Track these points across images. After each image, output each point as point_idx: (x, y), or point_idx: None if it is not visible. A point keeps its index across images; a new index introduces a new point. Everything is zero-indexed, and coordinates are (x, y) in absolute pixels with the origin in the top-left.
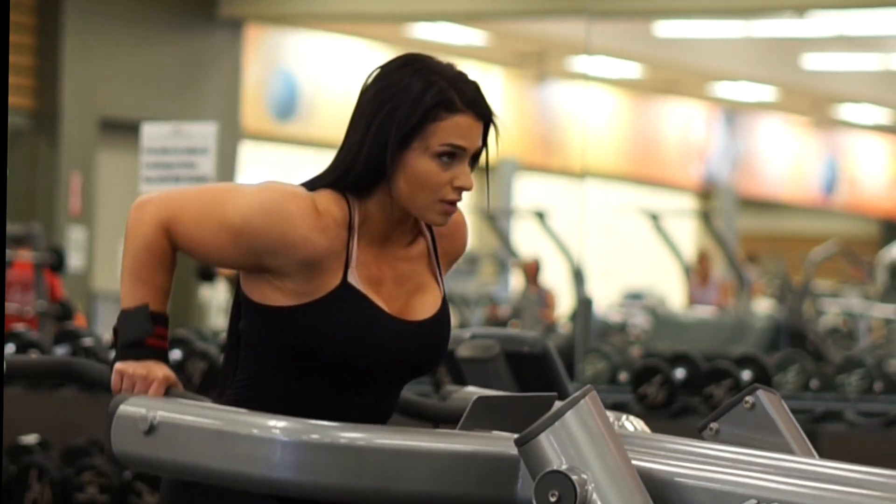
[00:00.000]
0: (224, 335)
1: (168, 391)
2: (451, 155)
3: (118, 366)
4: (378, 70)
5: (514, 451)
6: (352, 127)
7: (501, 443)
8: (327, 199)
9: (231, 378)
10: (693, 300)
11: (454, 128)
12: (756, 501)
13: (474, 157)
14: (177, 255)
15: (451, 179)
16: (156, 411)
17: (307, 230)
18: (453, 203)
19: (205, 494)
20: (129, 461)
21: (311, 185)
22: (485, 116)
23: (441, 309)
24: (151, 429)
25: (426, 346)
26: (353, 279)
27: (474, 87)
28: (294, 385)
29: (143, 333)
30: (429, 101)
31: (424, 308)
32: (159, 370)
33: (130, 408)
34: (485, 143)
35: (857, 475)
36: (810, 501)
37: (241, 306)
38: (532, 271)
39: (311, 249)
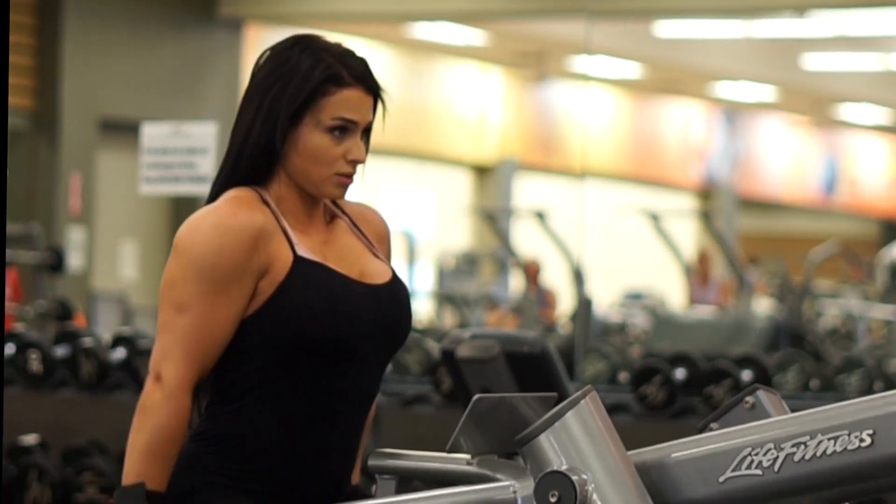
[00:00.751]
0: None
1: None
2: (343, 129)
3: None
4: (268, 52)
5: (509, 495)
6: (242, 109)
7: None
8: (234, 193)
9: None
10: (693, 300)
11: (344, 101)
12: (750, 449)
13: (366, 132)
14: None
15: (344, 153)
16: None
17: (248, 218)
18: (348, 175)
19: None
20: None
21: (213, 191)
22: (373, 91)
23: (394, 275)
24: None
25: (394, 307)
26: (303, 252)
27: (362, 62)
28: (281, 387)
29: None
30: (317, 76)
31: (377, 273)
32: None
33: None
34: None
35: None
36: (800, 428)
37: None
38: (532, 272)
39: (263, 227)
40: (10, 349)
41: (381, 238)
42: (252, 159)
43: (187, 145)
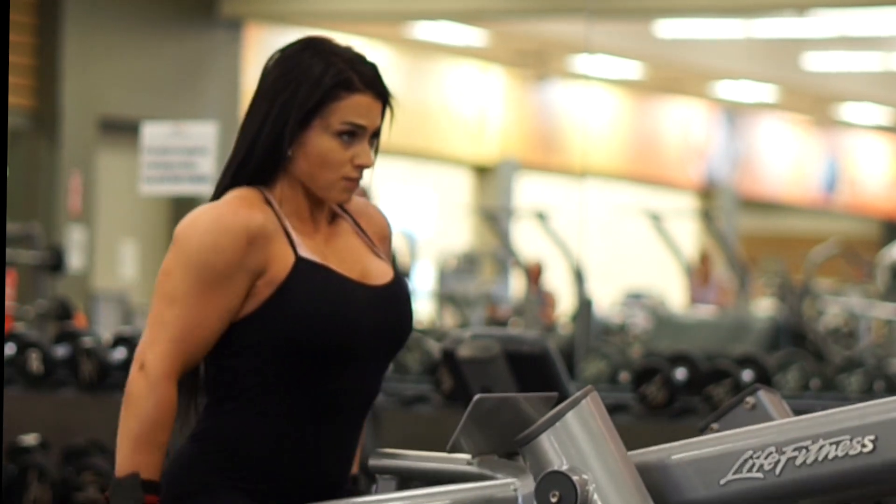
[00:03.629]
0: None
1: None
2: (352, 134)
3: None
4: (278, 54)
5: (510, 493)
6: (252, 109)
7: (498, 488)
8: (238, 192)
9: (205, 410)
10: (693, 300)
11: (354, 107)
12: (751, 452)
13: (374, 137)
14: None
15: (351, 157)
16: None
17: (247, 218)
18: (355, 180)
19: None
20: None
21: (218, 190)
22: (383, 96)
23: (396, 276)
24: None
25: (395, 311)
26: (304, 252)
27: (373, 67)
28: (280, 387)
29: (133, 502)
30: (328, 81)
31: (378, 274)
32: None
33: None
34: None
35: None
36: (801, 432)
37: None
38: (535, 273)
39: (262, 227)
40: (10, 349)
41: (383, 236)
42: (260, 161)
43: (187, 145)
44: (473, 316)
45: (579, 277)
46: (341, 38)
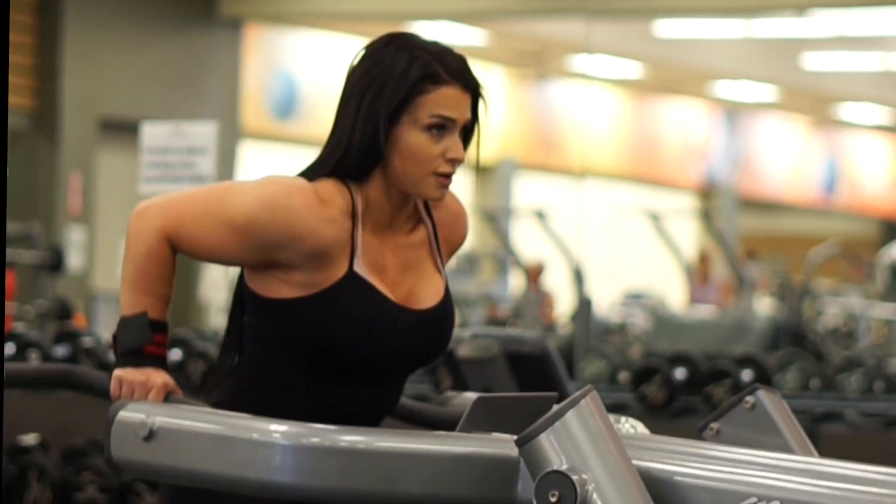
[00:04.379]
0: None
1: (167, 397)
2: (441, 127)
3: (117, 372)
4: (363, 51)
5: (514, 452)
6: (341, 110)
7: (502, 444)
8: (329, 189)
9: (232, 371)
10: (693, 300)
11: (441, 99)
12: (756, 499)
13: (465, 131)
14: (177, 262)
15: (442, 151)
16: (155, 417)
17: (313, 221)
18: (447, 175)
19: (203, 498)
20: (128, 467)
21: (310, 175)
22: (472, 88)
23: (444, 298)
24: (151, 435)
25: (430, 336)
26: (359, 268)
27: (460, 59)
28: (300, 377)
29: (142, 341)
30: (414, 74)
31: (427, 296)
32: (158, 377)
33: (129, 414)
34: (476, 118)
35: (857, 473)
36: (810, 498)
37: (243, 301)
38: (535, 274)
39: (319, 240)
40: (10, 349)
41: (452, 250)
42: (357, 161)
43: (187, 145)
44: (473, 316)
45: (579, 277)
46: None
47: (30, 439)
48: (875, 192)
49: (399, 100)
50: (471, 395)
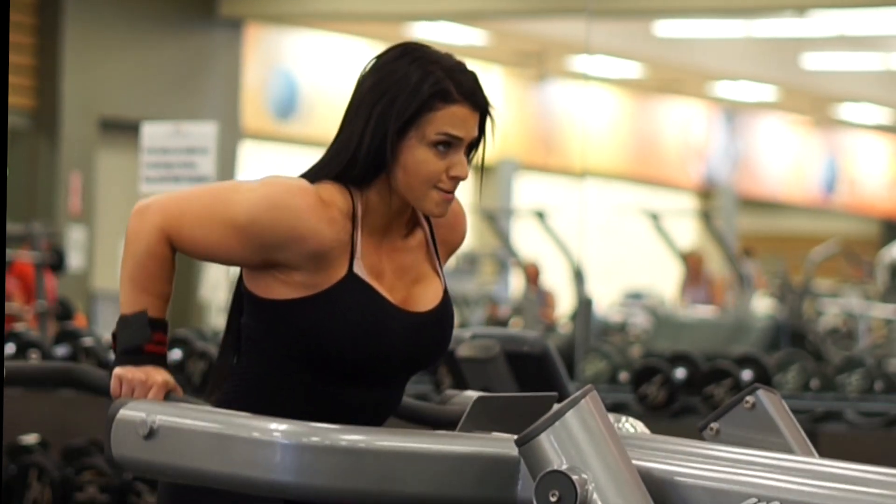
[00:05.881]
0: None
1: (167, 396)
2: (447, 144)
3: (117, 371)
4: (375, 60)
5: (514, 451)
6: (349, 117)
7: (501, 444)
8: (331, 191)
9: (231, 373)
10: (686, 300)
11: (450, 118)
12: (756, 500)
13: (470, 147)
14: (176, 260)
15: (446, 168)
16: (155, 415)
17: (314, 222)
18: (448, 192)
19: (202, 497)
20: (128, 465)
21: (313, 176)
22: (481, 107)
23: (443, 300)
24: (151, 433)
25: (430, 338)
26: (359, 270)
27: (472, 77)
28: (299, 379)
29: (142, 340)
30: (426, 90)
31: (426, 299)
32: (158, 375)
33: (130, 412)
34: (481, 133)
35: (857, 473)
36: (810, 499)
37: (242, 302)
38: (532, 274)
39: (319, 241)
40: (10, 349)
41: (451, 250)
42: (363, 168)
43: (187, 145)
44: (473, 316)
45: (579, 277)
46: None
47: (30, 439)
48: (875, 191)
49: (409, 115)
50: (471, 395)
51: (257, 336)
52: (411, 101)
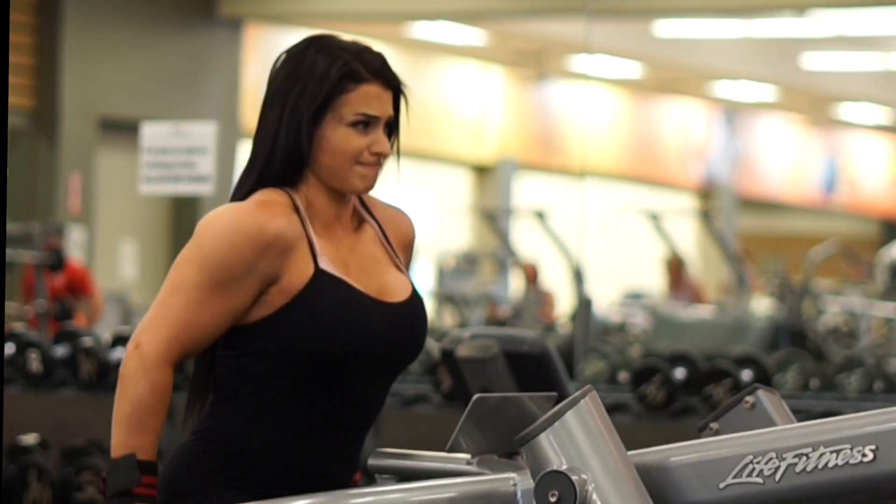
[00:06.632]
0: None
1: None
2: (365, 124)
3: None
4: (284, 55)
5: (509, 488)
6: (264, 114)
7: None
8: (265, 194)
9: (211, 402)
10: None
11: (363, 97)
12: (752, 457)
13: (390, 128)
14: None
15: (368, 145)
16: None
17: (268, 225)
18: (371, 165)
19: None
20: None
21: (239, 188)
22: (393, 85)
23: (413, 292)
24: None
25: (409, 327)
26: (325, 264)
27: (380, 57)
28: (284, 396)
29: (131, 483)
30: (335, 74)
31: (398, 289)
32: None
33: None
34: (397, 113)
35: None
36: (800, 440)
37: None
38: (530, 274)
39: (281, 236)
40: (10, 349)
41: (406, 245)
42: (283, 162)
43: (187, 145)
44: (473, 316)
45: (579, 277)
46: (342, 37)
47: (30, 439)
48: (874, 191)
49: (321, 99)
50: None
51: (239, 365)
52: (321, 86)
